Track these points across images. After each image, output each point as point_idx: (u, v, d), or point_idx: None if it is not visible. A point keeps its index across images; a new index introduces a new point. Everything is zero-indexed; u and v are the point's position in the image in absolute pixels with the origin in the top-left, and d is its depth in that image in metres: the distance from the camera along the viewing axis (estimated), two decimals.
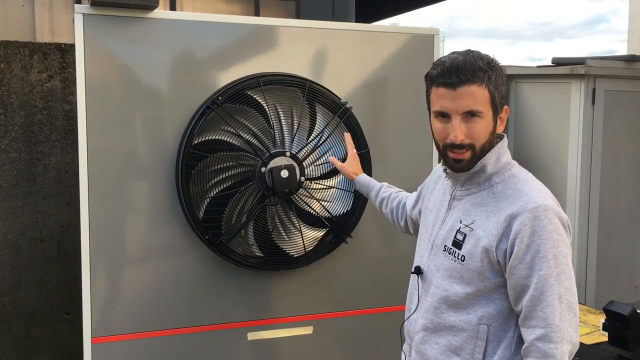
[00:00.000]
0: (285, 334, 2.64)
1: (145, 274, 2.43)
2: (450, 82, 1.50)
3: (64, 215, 3.12)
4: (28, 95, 3.02)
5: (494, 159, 1.58)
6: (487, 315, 1.54)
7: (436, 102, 1.56)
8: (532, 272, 1.45)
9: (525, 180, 1.58)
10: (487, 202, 1.56)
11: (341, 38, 2.64)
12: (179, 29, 2.41)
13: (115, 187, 2.37)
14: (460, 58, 1.52)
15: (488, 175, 1.58)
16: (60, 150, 3.09)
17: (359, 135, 2.61)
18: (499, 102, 1.56)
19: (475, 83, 1.49)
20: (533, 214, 1.46)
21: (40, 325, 3.14)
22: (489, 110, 1.53)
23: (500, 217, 1.50)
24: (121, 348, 2.42)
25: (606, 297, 2.99)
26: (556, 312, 1.43)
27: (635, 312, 2.27)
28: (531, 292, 1.45)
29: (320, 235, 2.59)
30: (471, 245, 1.55)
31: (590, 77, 3.62)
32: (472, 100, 1.50)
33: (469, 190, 1.62)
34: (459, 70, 1.50)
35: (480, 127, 1.52)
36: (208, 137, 2.41)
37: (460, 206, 1.63)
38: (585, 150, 3.65)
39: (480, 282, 1.54)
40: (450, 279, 1.59)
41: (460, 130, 1.51)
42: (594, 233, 3.71)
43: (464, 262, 1.56)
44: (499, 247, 1.49)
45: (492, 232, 1.51)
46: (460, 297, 1.57)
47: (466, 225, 1.58)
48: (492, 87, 1.53)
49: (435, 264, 1.65)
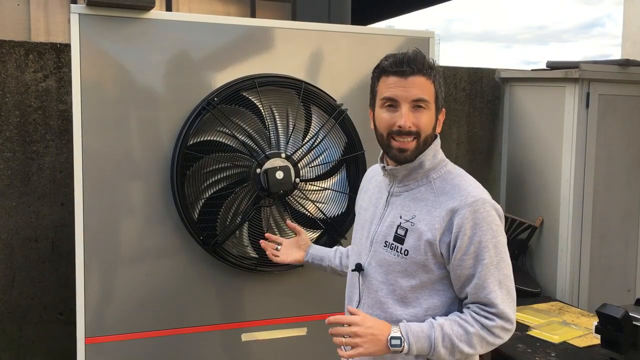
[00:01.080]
0: (279, 335, 2.64)
1: (139, 274, 2.43)
2: (402, 70, 1.59)
3: (58, 215, 3.12)
4: (23, 94, 3.02)
5: (431, 155, 1.65)
6: (432, 306, 1.62)
7: (385, 90, 1.62)
8: (476, 262, 1.55)
9: (461, 175, 1.66)
10: (427, 197, 1.63)
11: (337, 40, 2.64)
12: (175, 29, 2.41)
13: (110, 187, 2.36)
14: (411, 53, 1.63)
15: (426, 170, 1.65)
16: (55, 150, 3.08)
17: (353, 137, 2.61)
18: (441, 102, 1.66)
19: (424, 75, 1.60)
20: (473, 207, 1.56)
21: (34, 326, 3.13)
22: (433, 105, 1.63)
23: (442, 212, 1.58)
24: (115, 348, 2.41)
25: (599, 300, 3.00)
26: (498, 297, 1.56)
27: (628, 315, 2.28)
28: (475, 280, 1.56)
29: (314, 236, 2.60)
30: (414, 240, 1.61)
31: (585, 81, 3.64)
32: (421, 90, 1.59)
33: (407, 186, 1.68)
34: (410, 61, 1.60)
35: (426, 117, 1.61)
36: (203, 138, 2.41)
37: (398, 202, 1.68)
38: (579, 154, 3.67)
39: (425, 275, 1.61)
40: (394, 274, 1.64)
41: (409, 117, 1.59)
42: (587, 236, 3.73)
43: (407, 255, 1.62)
44: (442, 240, 1.58)
45: (434, 225, 1.58)
46: (405, 290, 1.63)
47: (407, 220, 1.64)
48: (437, 85, 1.64)
49: (377, 260, 1.69)
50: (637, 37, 5.37)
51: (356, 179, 2.62)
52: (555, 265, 3.77)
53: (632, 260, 3.97)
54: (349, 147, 2.61)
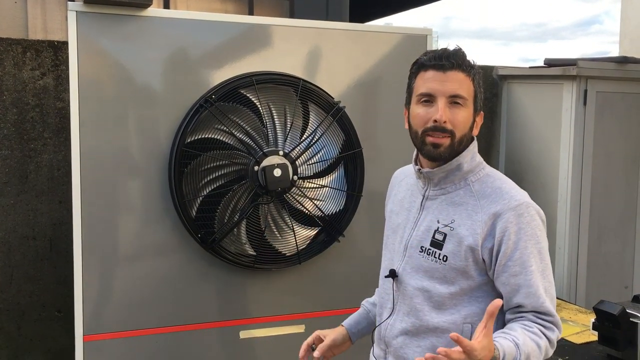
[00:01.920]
0: (277, 333, 2.65)
1: (137, 272, 2.43)
2: (441, 64, 1.53)
3: (56, 213, 3.11)
4: (20, 92, 3.01)
5: (469, 157, 1.59)
6: (471, 313, 1.55)
7: (422, 85, 1.56)
8: (523, 269, 1.50)
9: (501, 179, 1.60)
10: (466, 200, 1.56)
11: (335, 37, 2.64)
12: (173, 27, 2.41)
13: (108, 185, 2.36)
14: (451, 49, 1.57)
15: (464, 173, 1.59)
16: (52, 148, 3.08)
17: (351, 134, 2.61)
18: (479, 103, 1.59)
19: (464, 71, 1.54)
20: (517, 211, 1.50)
21: (32, 323, 3.13)
22: (471, 104, 1.56)
23: (484, 216, 1.52)
24: (113, 346, 2.42)
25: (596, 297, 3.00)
26: (550, 306, 1.51)
27: (625, 312, 2.29)
28: (525, 289, 1.50)
29: (312, 234, 2.60)
30: (454, 245, 1.54)
31: (582, 78, 3.64)
32: (459, 85, 1.53)
33: (443, 189, 1.61)
34: (450, 55, 1.54)
35: (463, 115, 1.54)
36: (201, 135, 2.41)
37: (435, 206, 1.61)
38: (577, 151, 3.68)
39: (465, 281, 1.55)
40: (431, 280, 1.58)
41: (445, 112, 1.52)
42: (585, 233, 3.74)
43: (447, 262, 1.55)
44: (484, 245, 1.52)
45: (476, 230, 1.52)
46: (443, 297, 1.56)
47: (445, 225, 1.57)
48: (476, 85, 1.57)
49: (412, 266, 1.62)
50: (635, 34, 5.37)
51: (354, 177, 2.63)
52: (553, 262, 3.78)
53: (629, 257, 3.97)
54: (347, 144, 2.61)
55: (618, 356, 2.34)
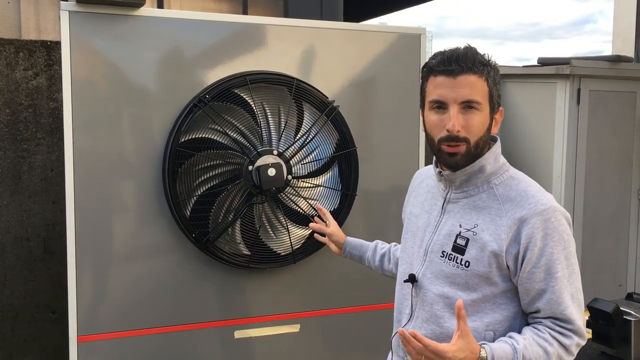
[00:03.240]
0: (272, 332, 2.64)
1: (131, 272, 2.42)
2: (451, 69, 1.46)
3: (49, 213, 3.10)
4: (13, 92, 3.00)
5: (492, 158, 1.53)
6: (494, 321, 1.50)
7: (433, 91, 1.50)
8: (548, 275, 1.45)
9: (526, 181, 1.54)
10: (490, 204, 1.51)
11: (329, 37, 2.64)
12: (166, 26, 2.40)
13: (102, 185, 2.36)
14: (462, 49, 1.50)
15: (487, 175, 1.53)
16: (46, 149, 3.07)
17: (346, 133, 2.61)
18: (496, 101, 1.52)
19: (475, 73, 1.47)
20: (543, 216, 1.45)
21: (26, 324, 3.12)
22: (487, 105, 1.50)
23: (508, 221, 1.47)
24: (107, 347, 2.41)
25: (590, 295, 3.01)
26: (574, 312, 1.47)
27: (619, 310, 2.30)
28: (548, 295, 1.46)
29: (307, 233, 2.60)
30: (477, 250, 1.49)
31: (575, 77, 3.65)
32: (471, 90, 1.46)
33: (466, 192, 1.55)
34: (459, 59, 1.47)
35: (477, 119, 1.47)
36: (195, 135, 2.40)
37: (457, 210, 1.56)
38: (570, 150, 3.69)
39: (488, 287, 1.50)
40: (452, 286, 1.52)
41: (458, 120, 1.46)
42: (579, 231, 3.75)
43: (469, 267, 1.49)
44: (508, 251, 1.46)
45: (500, 236, 1.47)
46: (465, 304, 1.48)
47: (468, 230, 1.52)
48: (491, 83, 1.50)
49: (433, 271, 1.56)
50: (628, 33, 5.39)
51: (348, 176, 2.63)
52: None
53: (623, 255, 3.99)
54: (341, 144, 2.61)
55: (612, 353, 2.35)
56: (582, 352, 2.48)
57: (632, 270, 4.04)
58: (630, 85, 3.89)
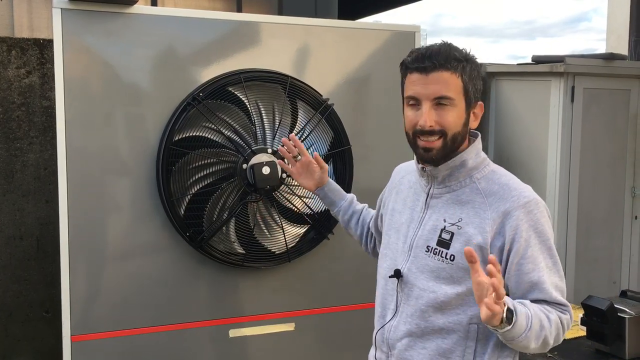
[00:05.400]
0: (267, 331, 2.64)
1: (125, 271, 2.41)
2: (424, 66, 1.49)
3: (43, 212, 3.09)
4: (6, 91, 2.98)
5: (473, 153, 1.56)
6: (477, 314, 1.50)
7: (409, 88, 1.54)
8: (535, 266, 1.48)
9: (506, 175, 1.57)
10: (473, 198, 1.53)
11: (323, 35, 2.63)
12: (160, 24, 2.39)
13: (95, 184, 2.34)
14: (436, 46, 1.52)
15: (469, 170, 1.56)
16: (39, 147, 3.06)
17: (340, 132, 2.61)
18: (473, 95, 1.54)
19: (448, 70, 1.49)
20: (527, 208, 1.48)
21: (19, 324, 3.10)
22: (461, 100, 1.52)
23: (492, 214, 1.49)
24: (101, 346, 2.40)
25: (585, 292, 3.02)
26: (559, 299, 1.50)
27: (613, 307, 2.31)
28: (537, 286, 1.48)
29: (302, 231, 2.59)
30: (462, 244, 1.51)
31: (570, 74, 3.66)
32: (443, 86, 1.49)
33: (448, 187, 1.58)
34: (432, 56, 1.49)
35: (451, 114, 1.50)
36: (189, 133, 2.40)
37: (440, 205, 1.58)
38: (565, 147, 3.70)
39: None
40: (437, 280, 1.54)
41: (430, 116, 1.49)
42: (573, 229, 3.76)
43: (454, 261, 1.52)
44: (493, 244, 1.49)
45: (485, 229, 1.49)
46: (450, 297, 1.53)
47: (452, 224, 1.54)
48: (466, 78, 1.52)
49: (418, 266, 1.58)
50: (622, 31, 5.40)
51: (343, 174, 2.62)
52: None
53: (617, 253, 4.00)
54: (336, 142, 2.61)
55: (606, 351, 2.36)
56: (576, 350, 2.48)
57: (626, 267, 4.05)
58: (624, 82, 3.91)
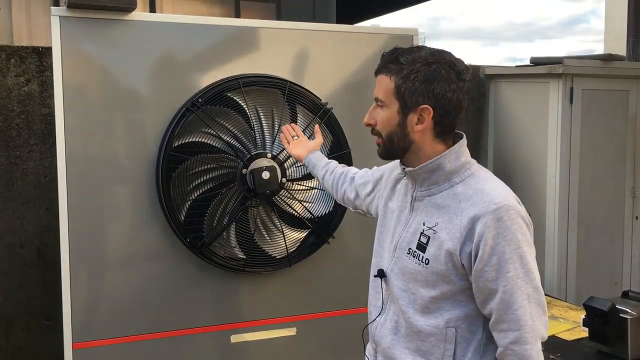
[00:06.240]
0: (268, 336, 2.64)
1: (126, 278, 2.41)
2: (375, 69, 1.63)
3: (43, 220, 3.09)
4: (5, 99, 2.99)
5: (452, 157, 1.55)
6: (454, 317, 1.52)
7: None
8: (499, 274, 1.43)
9: (485, 179, 1.53)
10: (449, 203, 1.53)
11: (321, 39, 2.64)
12: (158, 31, 2.39)
13: (95, 191, 2.34)
14: (390, 51, 1.62)
15: (447, 174, 1.55)
16: (38, 155, 3.06)
17: (339, 136, 2.61)
18: (409, 98, 1.52)
19: (383, 73, 1.59)
20: (496, 215, 1.43)
21: (20, 332, 3.10)
22: (393, 102, 1.56)
23: (463, 220, 1.47)
24: (102, 353, 2.39)
25: (586, 294, 3.02)
26: (527, 313, 1.43)
27: (615, 308, 2.30)
28: (500, 295, 1.43)
29: (302, 236, 2.59)
30: (435, 249, 1.52)
31: (568, 76, 3.66)
32: (378, 88, 1.60)
33: (428, 190, 1.58)
34: (380, 60, 1.61)
35: (381, 115, 1.60)
36: (188, 139, 2.40)
37: (422, 208, 1.59)
38: (564, 148, 3.70)
39: (446, 285, 1.51)
40: (415, 282, 1.56)
41: (369, 114, 1.63)
42: (574, 230, 3.76)
43: (428, 265, 1.52)
44: (462, 250, 1.47)
45: (455, 235, 1.48)
46: (425, 300, 1.54)
47: (429, 228, 1.54)
48: (400, 80, 1.53)
49: (400, 267, 1.61)
50: (620, 32, 5.41)
51: None
52: (543, 260, 3.80)
53: (618, 253, 4.00)
54: (335, 146, 2.61)
55: (609, 352, 2.35)
56: (578, 351, 2.48)
57: (628, 268, 4.05)
58: (623, 83, 3.91)
